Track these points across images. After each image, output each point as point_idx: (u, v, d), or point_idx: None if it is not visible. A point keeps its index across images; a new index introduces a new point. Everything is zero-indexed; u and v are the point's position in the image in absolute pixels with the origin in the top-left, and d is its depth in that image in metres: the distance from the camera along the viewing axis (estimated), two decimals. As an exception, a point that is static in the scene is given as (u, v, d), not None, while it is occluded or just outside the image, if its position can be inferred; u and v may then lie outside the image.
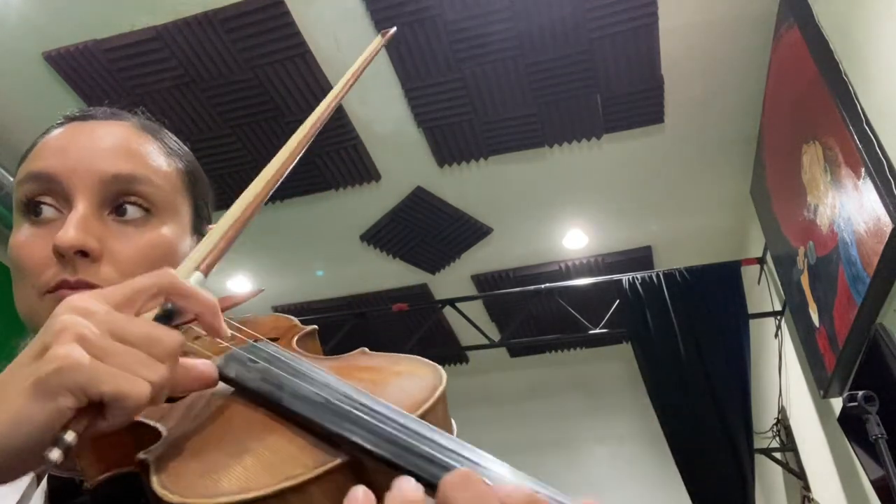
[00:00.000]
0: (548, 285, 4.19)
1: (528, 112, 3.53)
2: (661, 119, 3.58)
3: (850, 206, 2.36)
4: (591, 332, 4.02)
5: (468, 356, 5.65)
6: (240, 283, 4.71)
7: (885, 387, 2.15)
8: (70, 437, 0.40)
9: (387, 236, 4.40)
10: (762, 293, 4.01)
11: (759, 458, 3.67)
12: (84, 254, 0.61)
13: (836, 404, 2.82)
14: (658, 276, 3.71)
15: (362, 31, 3.07)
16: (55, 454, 0.39)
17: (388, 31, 0.89)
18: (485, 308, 5.01)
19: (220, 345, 0.57)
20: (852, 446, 2.55)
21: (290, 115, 3.49)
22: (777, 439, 3.99)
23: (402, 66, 3.28)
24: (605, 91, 3.41)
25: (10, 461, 0.42)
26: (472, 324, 4.24)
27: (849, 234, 2.39)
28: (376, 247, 4.47)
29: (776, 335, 3.90)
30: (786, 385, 3.87)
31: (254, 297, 0.76)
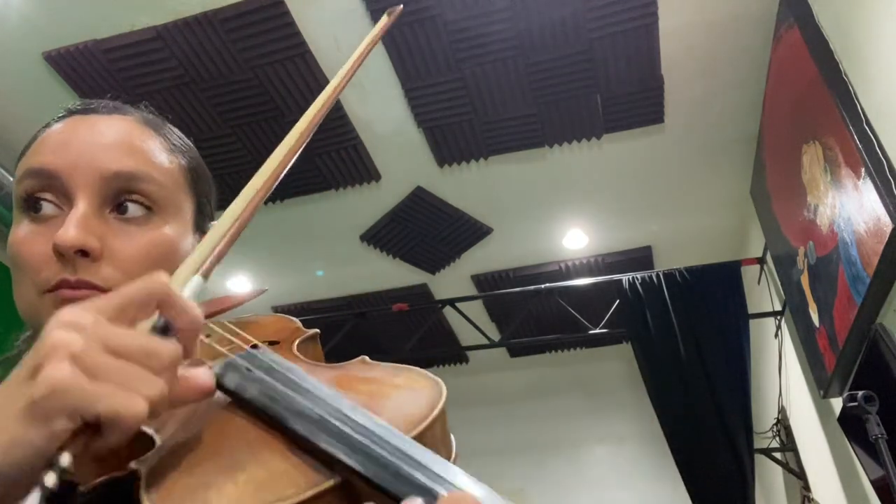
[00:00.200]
0: (548, 285, 4.18)
1: (528, 112, 3.53)
2: (661, 119, 3.58)
3: (850, 206, 2.36)
4: (591, 332, 4.02)
5: (468, 356, 5.65)
6: (240, 283, 4.71)
7: (885, 387, 2.15)
8: (66, 459, 0.38)
9: (387, 236, 4.40)
10: (762, 293, 4.01)
11: (759, 458, 3.66)
12: (84, 253, 0.60)
13: (836, 404, 2.82)
14: (658, 276, 3.71)
15: (362, 31, 3.07)
16: (50, 479, 0.37)
17: (396, 9, 0.84)
18: (485, 308, 5.01)
19: (216, 351, 0.56)
20: (852, 446, 2.55)
21: (290, 115, 3.49)
22: (777, 439, 3.99)
23: (402, 66, 3.28)
24: (605, 91, 3.41)
25: (4, 486, 0.40)
26: (472, 324, 4.24)
27: (849, 234, 2.39)
28: (376, 247, 4.47)
29: (776, 335, 3.90)
30: (786, 385, 3.87)
31: (256, 297, 0.75)
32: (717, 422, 3.36)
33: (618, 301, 3.83)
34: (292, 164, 0.61)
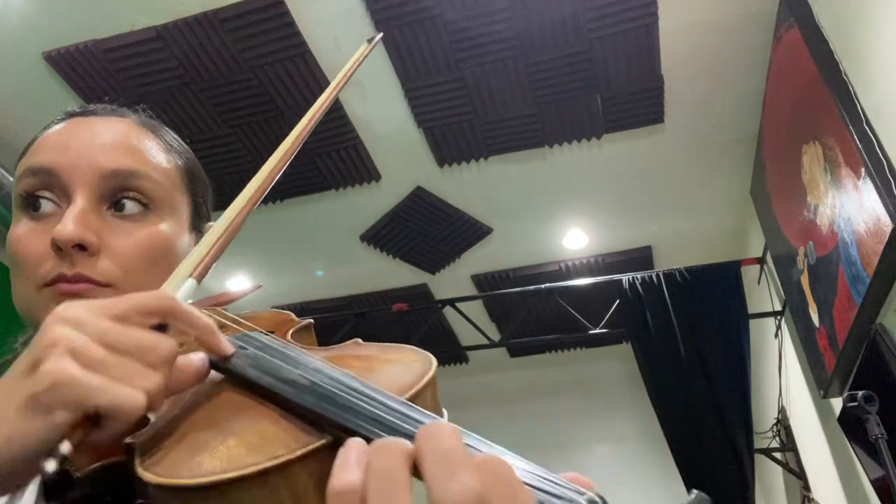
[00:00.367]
0: (548, 285, 4.19)
1: (528, 112, 3.53)
2: (661, 119, 3.58)
3: (850, 206, 2.36)
4: (591, 332, 4.02)
5: (468, 356, 5.65)
6: (240, 283, 4.70)
7: (885, 387, 2.15)
8: (66, 447, 0.39)
9: (387, 236, 4.40)
10: (762, 293, 4.01)
11: (759, 458, 3.66)
12: (82, 248, 0.61)
13: (836, 404, 2.82)
14: (658, 276, 3.71)
15: (362, 31, 3.07)
16: (51, 465, 0.38)
17: (375, 38, 0.90)
18: (485, 308, 5.01)
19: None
20: (852, 446, 2.55)
21: (290, 115, 3.48)
22: (777, 439, 3.99)
23: (402, 66, 3.28)
24: (605, 91, 3.41)
25: (6, 475, 0.41)
26: (472, 324, 4.24)
27: (849, 234, 2.39)
28: (376, 247, 4.47)
29: (776, 335, 3.90)
30: (786, 385, 3.87)
31: (251, 292, 0.76)
32: (717, 422, 3.36)
33: (618, 301, 3.83)
34: (292, 164, 0.63)
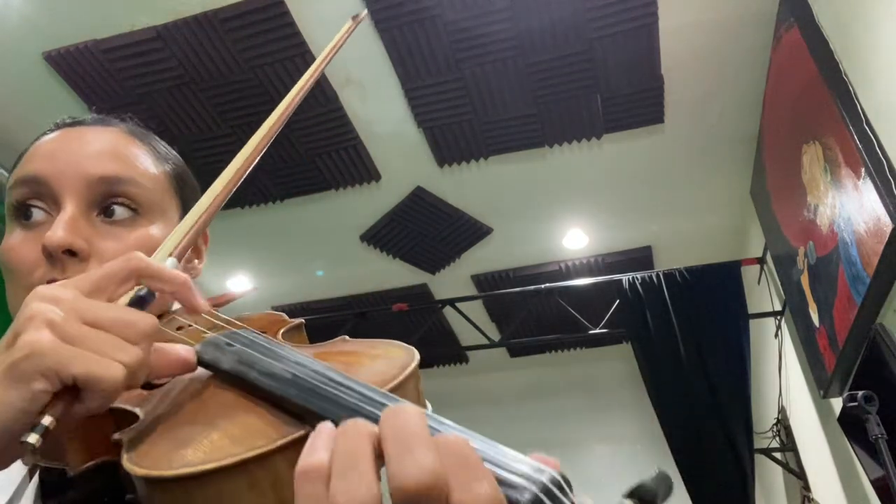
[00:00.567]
0: (548, 285, 4.19)
1: (528, 112, 3.53)
2: (661, 119, 3.58)
3: (850, 206, 2.36)
4: (591, 332, 4.02)
5: (468, 356, 5.65)
6: (240, 283, 4.70)
7: (885, 387, 2.15)
8: (47, 420, 0.40)
9: (387, 236, 4.40)
10: (762, 293, 4.01)
11: (759, 458, 3.67)
12: (72, 253, 0.63)
13: (836, 404, 2.82)
14: (658, 276, 3.71)
15: (362, 32, 3.07)
16: (32, 437, 0.39)
17: (360, 14, 0.91)
18: (485, 308, 5.01)
19: (202, 334, 0.58)
20: (852, 446, 2.55)
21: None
22: (777, 439, 3.99)
23: (402, 66, 3.28)
24: (605, 91, 3.41)
25: None
26: (472, 324, 4.24)
27: (849, 234, 2.39)
28: (376, 247, 4.47)
29: (776, 335, 3.90)
30: (786, 385, 3.87)
31: (246, 294, 0.77)
32: (718, 422, 3.36)
33: (618, 301, 3.83)
34: (292, 164, 0.63)
